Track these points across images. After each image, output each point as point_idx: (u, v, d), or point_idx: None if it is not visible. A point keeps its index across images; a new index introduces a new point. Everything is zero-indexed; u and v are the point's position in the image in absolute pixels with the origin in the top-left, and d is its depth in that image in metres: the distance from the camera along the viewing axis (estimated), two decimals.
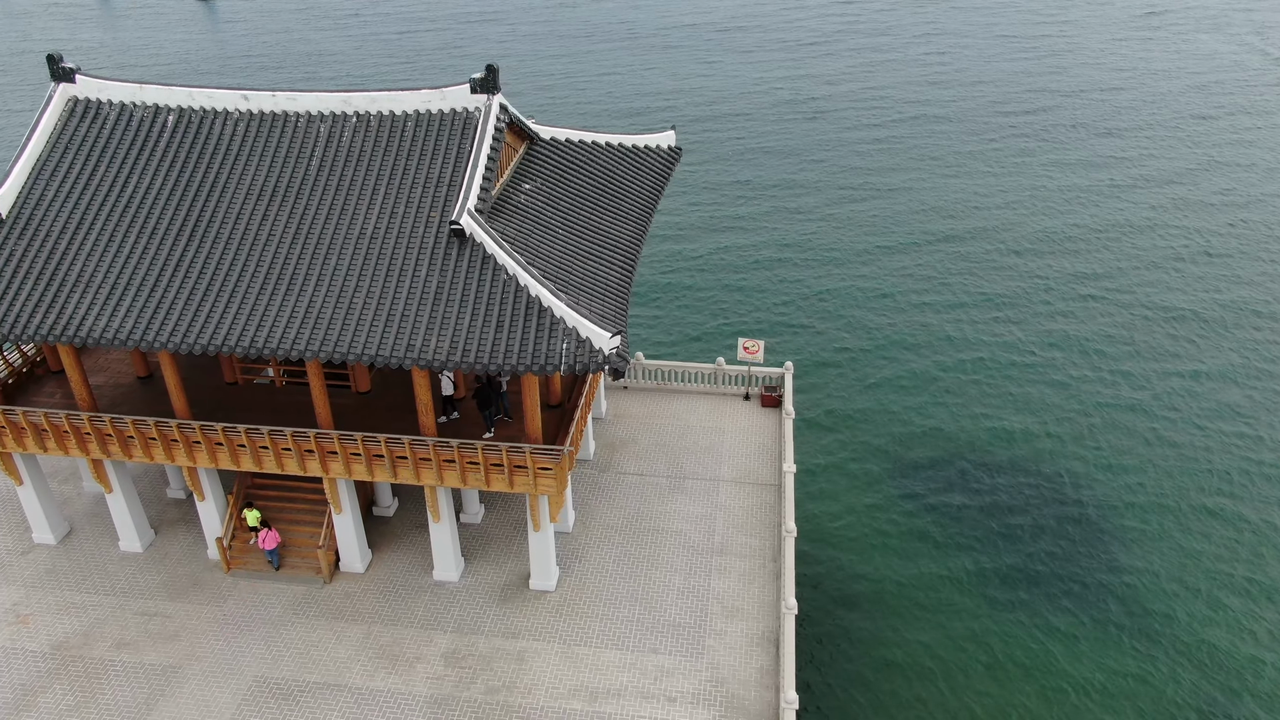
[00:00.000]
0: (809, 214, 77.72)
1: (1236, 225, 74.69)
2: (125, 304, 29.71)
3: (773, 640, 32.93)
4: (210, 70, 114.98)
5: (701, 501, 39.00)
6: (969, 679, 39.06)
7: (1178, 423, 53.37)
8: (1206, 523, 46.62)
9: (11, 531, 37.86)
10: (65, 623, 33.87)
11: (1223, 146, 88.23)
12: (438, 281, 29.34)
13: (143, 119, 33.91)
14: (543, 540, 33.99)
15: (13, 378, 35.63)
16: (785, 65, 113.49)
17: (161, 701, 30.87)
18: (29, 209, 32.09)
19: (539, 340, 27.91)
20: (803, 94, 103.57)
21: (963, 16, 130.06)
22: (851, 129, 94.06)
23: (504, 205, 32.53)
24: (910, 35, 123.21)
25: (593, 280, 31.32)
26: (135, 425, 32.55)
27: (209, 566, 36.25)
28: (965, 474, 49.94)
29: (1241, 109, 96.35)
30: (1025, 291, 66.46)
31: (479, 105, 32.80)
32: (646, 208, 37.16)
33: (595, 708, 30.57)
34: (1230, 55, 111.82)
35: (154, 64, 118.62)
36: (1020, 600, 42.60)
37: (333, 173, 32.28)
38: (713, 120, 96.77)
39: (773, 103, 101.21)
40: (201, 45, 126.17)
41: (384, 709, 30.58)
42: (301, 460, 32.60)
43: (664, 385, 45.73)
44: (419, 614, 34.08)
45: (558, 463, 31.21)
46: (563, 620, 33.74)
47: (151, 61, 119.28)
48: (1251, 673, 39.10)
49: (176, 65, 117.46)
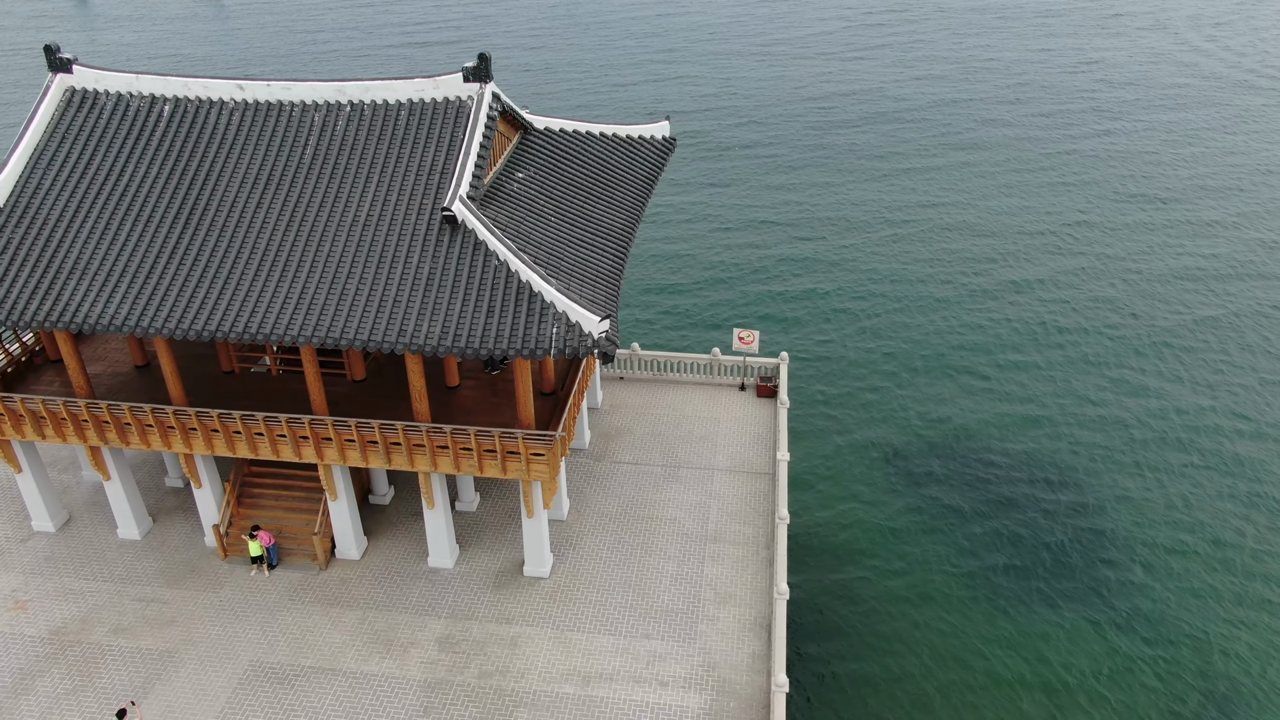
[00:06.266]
0: (806, 206, 77.84)
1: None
2: (121, 290, 29.97)
3: (764, 626, 33.09)
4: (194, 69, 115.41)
5: (696, 490, 39.16)
6: (959, 665, 39.18)
7: (1181, 418, 53.40)
8: (1211, 518, 46.64)
9: (11, 519, 38.15)
10: (63, 608, 34.14)
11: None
12: (430, 268, 29.55)
13: (139, 109, 34.16)
14: (536, 527, 34.18)
15: (11, 366, 35.91)
16: (786, 60, 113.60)
17: (158, 685, 31.12)
18: (26, 198, 32.37)
19: (529, 325, 28.10)
20: (804, 87, 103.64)
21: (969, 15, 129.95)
22: (846, 124, 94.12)
23: (497, 193, 32.73)
24: (904, 31, 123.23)
25: (583, 267, 31.50)
26: (132, 412, 32.82)
27: (206, 553, 36.51)
28: (959, 465, 50.04)
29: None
30: (1023, 285, 66.51)
31: (471, 94, 33.00)
32: (640, 197, 37.33)
33: (588, 691, 30.76)
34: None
35: (144, 61, 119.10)
36: (1013, 589, 42.70)
37: (327, 161, 32.50)
38: (710, 113, 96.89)
39: (771, 96, 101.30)
40: (182, 44, 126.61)
41: (378, 693, 30.80)
42: (296, 446, 32.84)
43: (660, 375, 45.91)
44: (414, 600, 34.30)
45: (550, 448, 31.40)
46: (556, 606, 33.93)
47: (143, 59, 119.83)
48: (1259, 669, 39.15)
49: (162, 63, 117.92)
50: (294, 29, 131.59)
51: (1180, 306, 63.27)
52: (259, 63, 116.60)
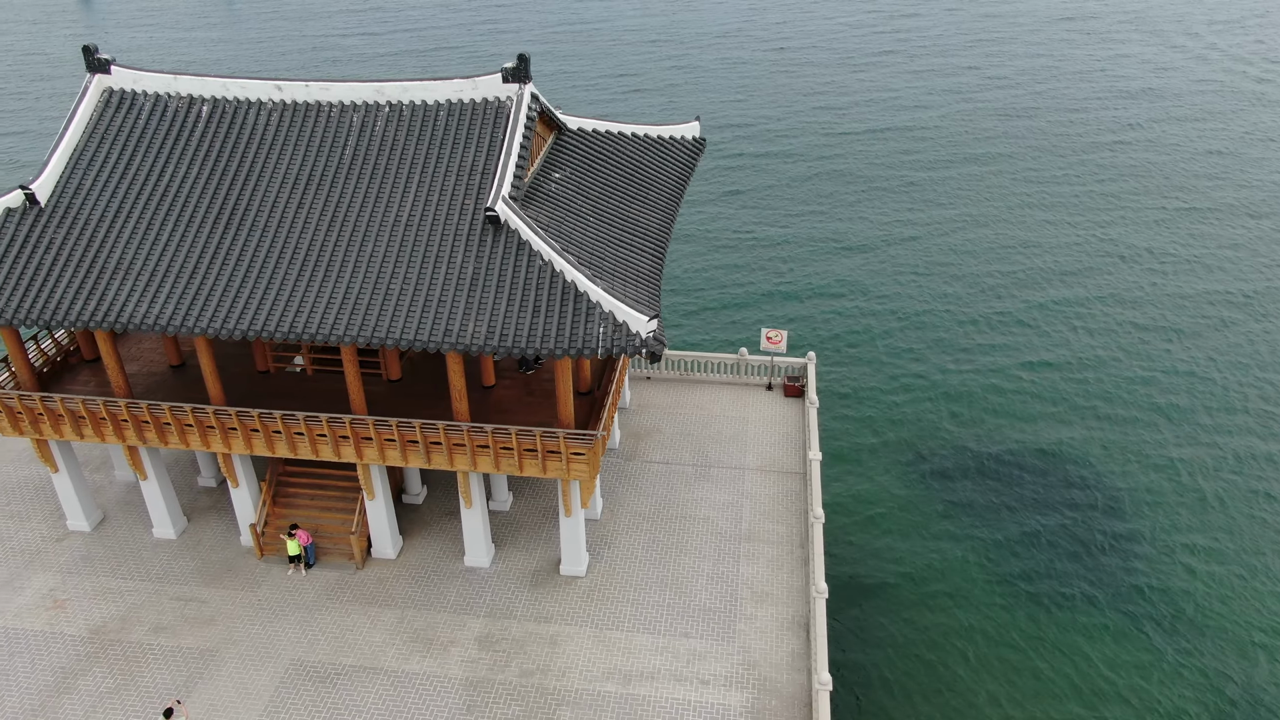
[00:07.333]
0: (833, 207, 77.97)
1: None
2: (165, 290, 30.07)
3: (802, 625, 33.20)
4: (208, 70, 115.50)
5: (727, 489, 39.27)
6: (1004, 669, 39.16)
7: (1211, 418, 53.50)
8: (1247, 520, 46.70)
9: (46, 519, 38.23)
10: (102, 608, 34.22)
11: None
12: (474, 268, 29.66)
13: (177, 109, 34.27)
14: (573, 526, 34.29)
15: (47, 366, 36.01)
16: (817, 65, 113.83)
17: (200, 684, 31.20)
18: (68, 198, 32.47)
19: (575, 324, 28.21)
20: (831, 90, 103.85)
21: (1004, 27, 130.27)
22: (874, 129, 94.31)
23: (535, 194, 32.85)
24: (933, 39, 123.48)
25: (625, 267, 31.62)
26: (173, 412, 32.91)
27: (241, 552, 36.59)
28: (992, 465, 50.08)
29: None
30: (1050, 285, 66.64)
31: (510, 94, 33.13)
32: (673, 197, 37.45)
33: (629, 690, 30.86)
34: None
35: (148, 63, 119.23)
36: (1053, 591, 42.75)
37: (366, 161, 32.62)
38: (737, 113, 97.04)
39: (798, 98, 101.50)
40: (191, 48, 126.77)
41: (420, 691, 30.89)
42: (336, 446, 32.93)
43: (686, 375, 46.03)
44: (451, 599, 34.39)
45: (590, 447, 31.50)
46: (594, 605, 34.04)
47: (148, 61, 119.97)
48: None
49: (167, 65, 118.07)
50: (303, 32, 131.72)
51: (1208, 307, 63.33)
52: (270, 63, 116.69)
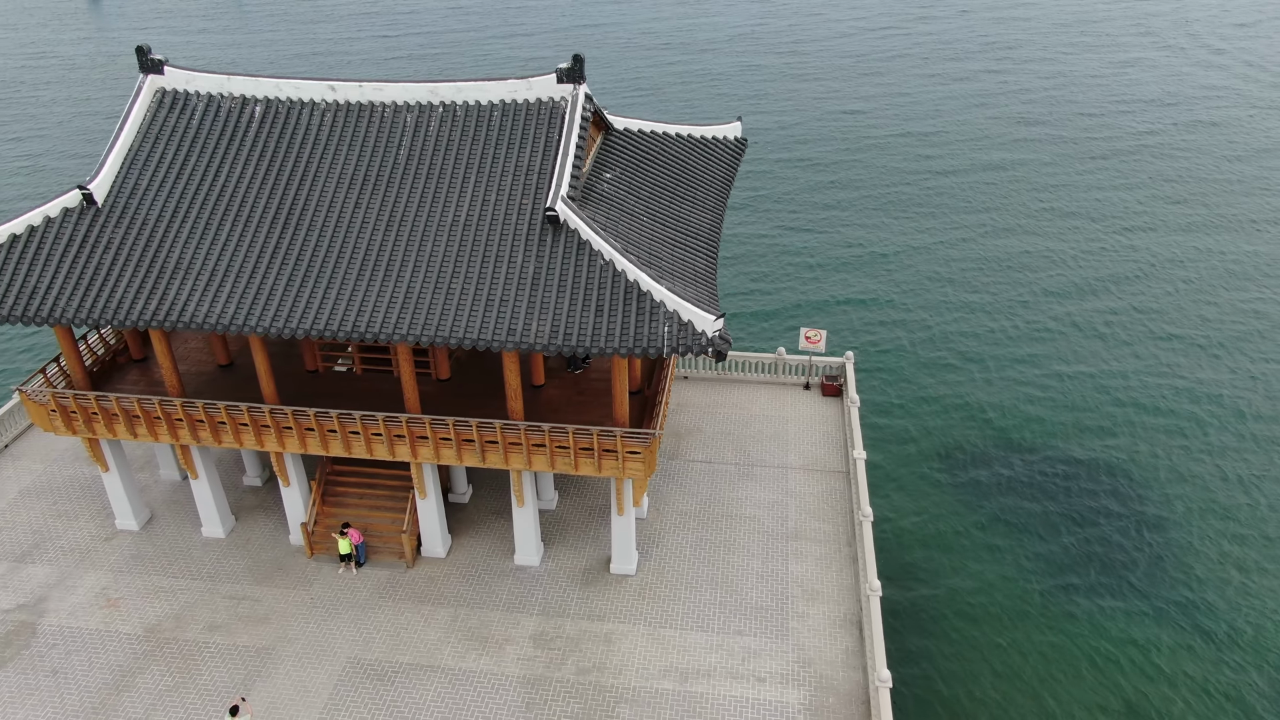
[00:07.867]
0: (854, 213, 78.09)
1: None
2: (226, 290, 30.19)
3: (854, 622, 33.34)
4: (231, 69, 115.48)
5: (771, 488, 39.43)
6: (1064, 679, 38.77)
7: (1258, 425, 53.52)
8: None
9: (95, 518, 38.34)
10: (155, 606, 34.33)
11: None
12: (534, 267, 29.79)
13: (230, 109, 34.40)
14: (625, 525, 34.43)
15: (98, 366, 36.12)
16: (830, 69, 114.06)
17: (259, 682, 31.32)
18: (124, 198, 32.60)
19: (640, 323, 28.34)
20: (845, 95, 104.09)
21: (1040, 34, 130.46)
22: (891, 134, 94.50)
23: (589, 193, 32.99)
24: (946, 43, 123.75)
25: (681, 266, 31.77)
26: (227, 411, 33.03)
27: (291, 551, 36.72)
28: (1034, 472, 49.88)
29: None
30: (1078, 292, 66.79)
31: (565, 95, 33.28)
32: (720, 197, 37.61)
33: (687, 687, 31.00)
34: None
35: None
36: (1107, 604, 42.74)
37: (422, 161, 32.76)
38: (752, 119, 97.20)
39: (812, 102, 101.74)
40: (203, 48, 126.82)
41: (479, 689, 31.02)
42: (390, 445, 33.06)
43: (724, 375, 46.19)
44: (503, 597, 34.53)
45: (647, 446, 31.65)
46: (646, 603, 34.18)
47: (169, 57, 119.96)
48: None
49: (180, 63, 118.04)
50: (314, 35, 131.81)
51: (1239, 315, 63.05)
52: (282, 65, 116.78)
